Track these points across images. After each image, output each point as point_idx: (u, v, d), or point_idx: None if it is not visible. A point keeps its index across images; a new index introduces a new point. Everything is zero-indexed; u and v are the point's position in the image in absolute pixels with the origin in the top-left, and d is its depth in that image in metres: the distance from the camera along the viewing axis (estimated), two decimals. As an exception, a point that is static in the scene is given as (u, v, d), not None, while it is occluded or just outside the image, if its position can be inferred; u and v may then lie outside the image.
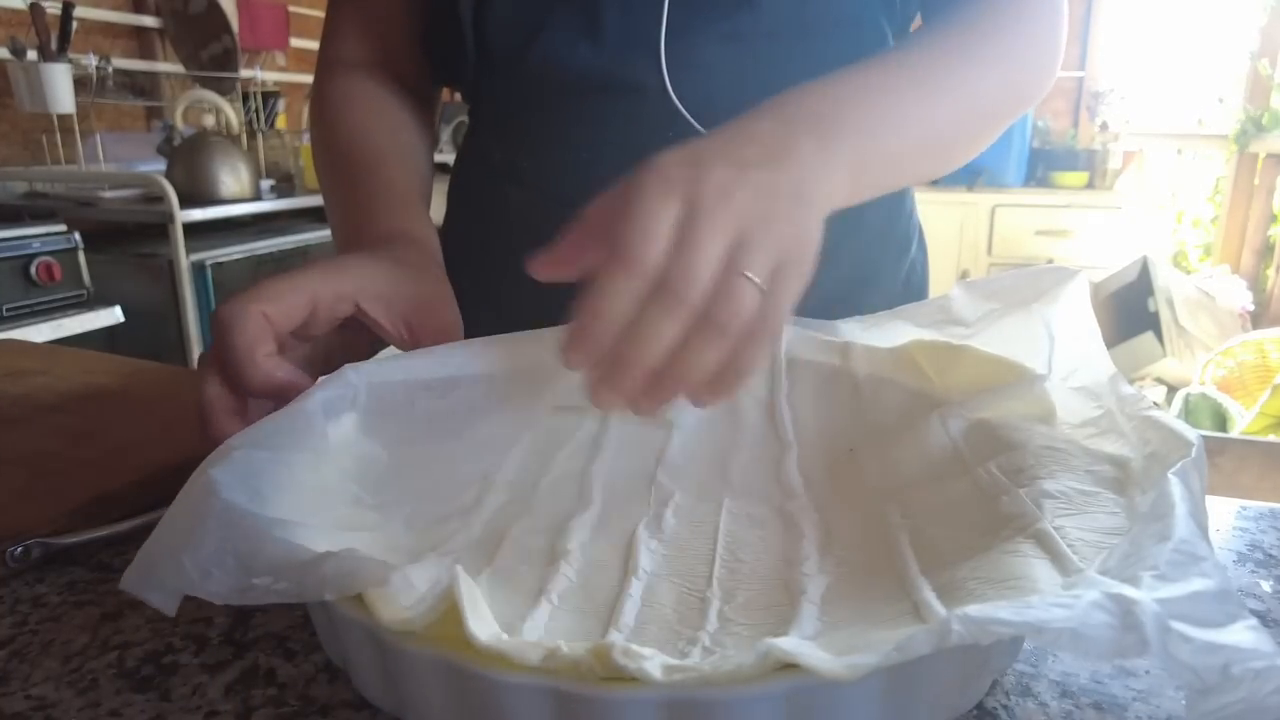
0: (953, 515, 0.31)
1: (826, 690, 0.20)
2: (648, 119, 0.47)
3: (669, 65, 0.46)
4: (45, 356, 0.59)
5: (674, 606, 0.29)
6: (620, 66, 0.46)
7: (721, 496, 0.36)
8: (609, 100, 0.47)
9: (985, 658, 0.24)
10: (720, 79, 0.46)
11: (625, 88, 0.47)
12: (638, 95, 0.46)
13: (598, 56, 0.46)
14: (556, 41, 0.47)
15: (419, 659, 0.21)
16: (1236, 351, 2.06)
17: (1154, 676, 0.27)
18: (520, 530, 0.33)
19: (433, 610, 0.21)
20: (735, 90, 0.46)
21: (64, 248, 1.47)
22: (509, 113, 0.52)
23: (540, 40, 0.47)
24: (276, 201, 1.83)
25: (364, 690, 0.25)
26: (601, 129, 0.48)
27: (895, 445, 0.37)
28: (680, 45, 0.46)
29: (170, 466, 0.40)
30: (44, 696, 0.26)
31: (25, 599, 0.32)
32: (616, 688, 0.20)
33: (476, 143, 0.56)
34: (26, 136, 1.82)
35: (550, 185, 0.50)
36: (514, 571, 0.30)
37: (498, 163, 0.53)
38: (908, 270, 0.57)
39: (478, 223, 0.56)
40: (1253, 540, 0.37)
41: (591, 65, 0.46)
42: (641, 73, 0.46)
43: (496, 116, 0.53)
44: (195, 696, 0.26)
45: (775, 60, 0.47)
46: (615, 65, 0.46)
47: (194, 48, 2.05)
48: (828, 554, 0.31)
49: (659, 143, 0.45)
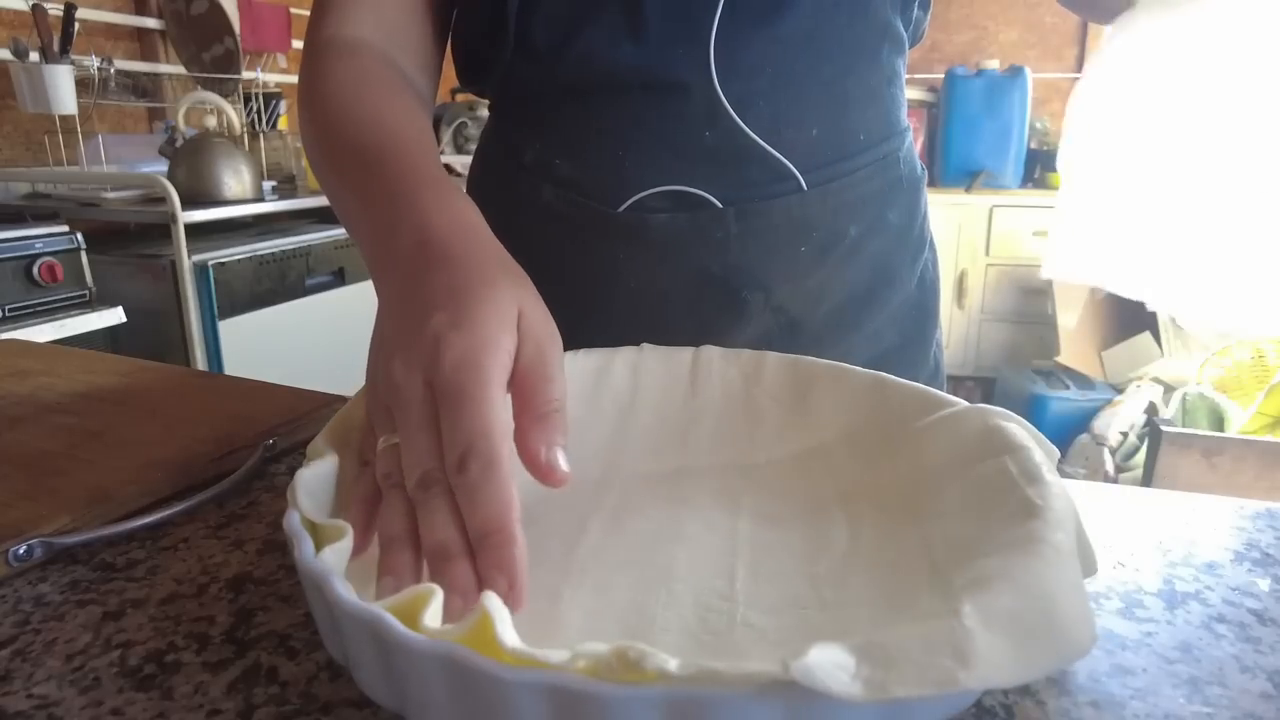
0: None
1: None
2: (687, 116, 0.47)
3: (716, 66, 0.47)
4: (47, 356, 0.59)
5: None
6: (662, 65, 0.46)
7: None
8: (648, 98, 0.48)
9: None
10: (760, 79, 0.47)
11: (666, 85, 0.47)
12: (678, 93, 0.47)
13: (639, 55, 0.46)
14: (599, 39, 0.47)
15: (421, 656, 0.21)
16: (1233, 351, 2.06)
17: (1151, 675, 0.27)
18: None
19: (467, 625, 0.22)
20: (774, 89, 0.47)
21: (66, 248, 1.47)
22: (541, 111, 0.52)
23: (582, 37, 0.47)
24: (278, 202, 1.83)
25: (366, 688, 0.25)
26: (639, 126, 0.48)
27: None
28: (724, 46, 0.47)
29: (173, 466, 0.40)
30: (46, 695, 0.26)
31: (27, 598, 0.32)
32: (618, 684, 0.20)
33: (502, 141, 0.56)
34: (29, 137, 1.82)
35: (586, 183, 0.50)
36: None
37: (529, 162, 0.52)
38: (922, 269, 0.58)
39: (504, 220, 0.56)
40: (1250, 539, 0.37)
41: (632, 63, 0.47)
42: (684, 71, 0.46)
43: (528, 115, 0.53)
44: (197, 695, 0.26)
45: (810, 61, 0.48)
46: (657, 63, 0.46)
47: (196, 49, 2.05)
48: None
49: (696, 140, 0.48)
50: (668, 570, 0.31)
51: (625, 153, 0.49)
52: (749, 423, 0.41)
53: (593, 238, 0.51)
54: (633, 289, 0.51)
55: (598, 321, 0.50)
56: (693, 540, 0.33)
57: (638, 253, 0.50)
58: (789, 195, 0.49)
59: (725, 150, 0.47)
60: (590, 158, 0.50)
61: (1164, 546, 0.36)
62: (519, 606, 0.25)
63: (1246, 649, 0.29)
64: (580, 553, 0.32)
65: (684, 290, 0.50)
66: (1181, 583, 0.33)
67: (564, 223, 0.51)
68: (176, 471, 0.40)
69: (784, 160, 0.48)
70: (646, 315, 0.51)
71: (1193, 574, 0.34)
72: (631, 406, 0.41)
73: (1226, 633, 0.30)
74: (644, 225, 0.49)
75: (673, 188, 0.48)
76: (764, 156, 0.48)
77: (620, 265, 0.51)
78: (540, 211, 0.52)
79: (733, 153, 0.48)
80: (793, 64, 0.47)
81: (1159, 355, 2.29)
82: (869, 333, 0.55)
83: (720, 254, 0.49)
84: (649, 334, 0.46)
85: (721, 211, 0.48)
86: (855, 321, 0.54)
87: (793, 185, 0.49)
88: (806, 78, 0.48)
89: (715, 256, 0.49)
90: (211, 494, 0.39)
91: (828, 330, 0.53)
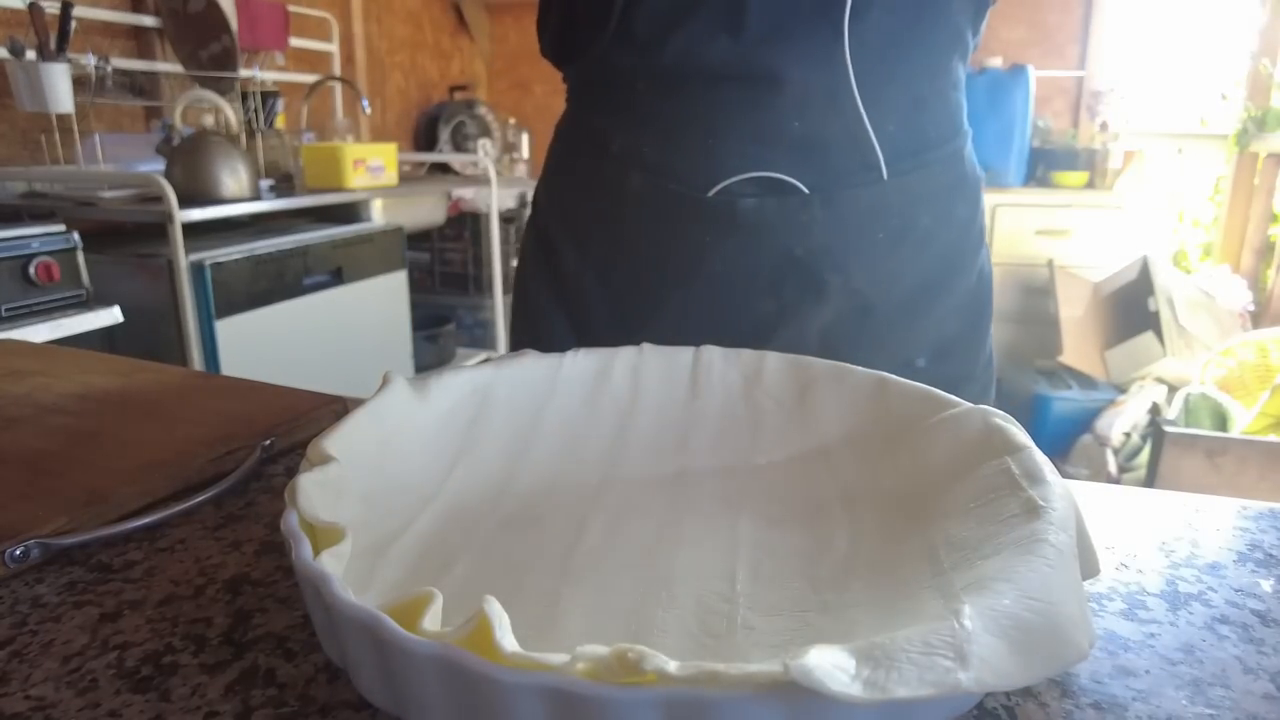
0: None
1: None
2: (777, 107, 0.50)
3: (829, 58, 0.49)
4: (44, 356, 0.59)
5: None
6: (758, 59, 0.49)
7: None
8: (740, 89, 0.50)
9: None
10: (876, 70, 0.50)
11: (759, 78, 0.49)
12: (771, 85, 0.49)
13: (735, 49, 0.49)
14: (698, 33, 0.49)
15: (419, 658, 0.21)
16: (1236, 351, 2.06)
17: (1154, 676, 0.27)
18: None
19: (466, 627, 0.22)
20: (860, 88, 0.50)
21: (63, 248, 1.47)
22: (632, 99, 0.54)
23: (683, 30, 0.49)
24: (276, 201, 1.82)
25: (364, 690, 0.25)
26: (730, 116, 0.51)
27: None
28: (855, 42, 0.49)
29: (170, 466, 0.40)
30: (43, 697, 0.26)
31: (24, 599, 0.32)
32: (617, 686, 0.20)
33: (585, 127, 0.58)
34: (25, 136, 1.82)
35: (676, 169, 0.53)
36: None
37: (617, 150, 0.55)
38: (981, 263, 0.60)
39: (590, 205, 0.59)
40: (1253, 540, 0.37)
41: (727, 57, 0.49)
42: (780, 64, 0.49)
43: (616, 102, 0.55)
44: (195, 697, 0.26)
45: (890, 63, 0.50)
46: (752, 57, 0.49)
47: (193, 47, 2.05)
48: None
49: (786, 128, 0.50)
50: (668, 572, 0.31)
51: (716, 141, 0.51)
52: (750, 424, 0.41)
53: (681, 222, 0.54)
54: (718, 271, 0.54)
55: (679, 302, 0.54)
56: (693, 542, 0.33)
57: (725, 236, 0.53)
58: (871, 184, 0.52)
59: (814, 139, 0.50)
60: (681, 145, 0.52)
61: (1167, 547, 0.36)
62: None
63: (1249, 650, 0.29)
64: (580, 554, 0.32)
65: (768, 272, 0.53)
66: (1184, 584, 0.33)
67: (651, 208, 0.54)
68: (174, 472, 0.40)
69: (876, 149, 0.51)
70: (728, 296, 0.54)
71: (1195, 575, 0.34)
72: (631, 408, 0.41)
73: (1229, 634, 0.30)
74: (732, 209, 0.52)
75: (761, 174, 0.51)
76: (853, 145, 0.51)
77: (707, 248, 0.53)
78: (627, 197, 0.55)
79: (821, 141, 0.50)
80: (876, 64, 0.50)
81: (1162, 355, 2.29)
82: (935, 319, 0.57)
83: (804, 237, 0.52)
84: (729, 314, 0.52)
85: (808, 197, 0.51)
86: (926, 308, 0.56)
87: (875, 175, 0.52)
88: (889, 78, 0.51)
89: (799, 240, 0.52)
90: (209, 495, 0.39)
91: (899, 314, 0.56)
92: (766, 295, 0.54)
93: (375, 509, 0.32)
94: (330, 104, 2.66)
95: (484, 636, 0.21)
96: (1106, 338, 2.51)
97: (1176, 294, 2.38)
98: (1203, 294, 2.44)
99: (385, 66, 2.97)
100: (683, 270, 0.55)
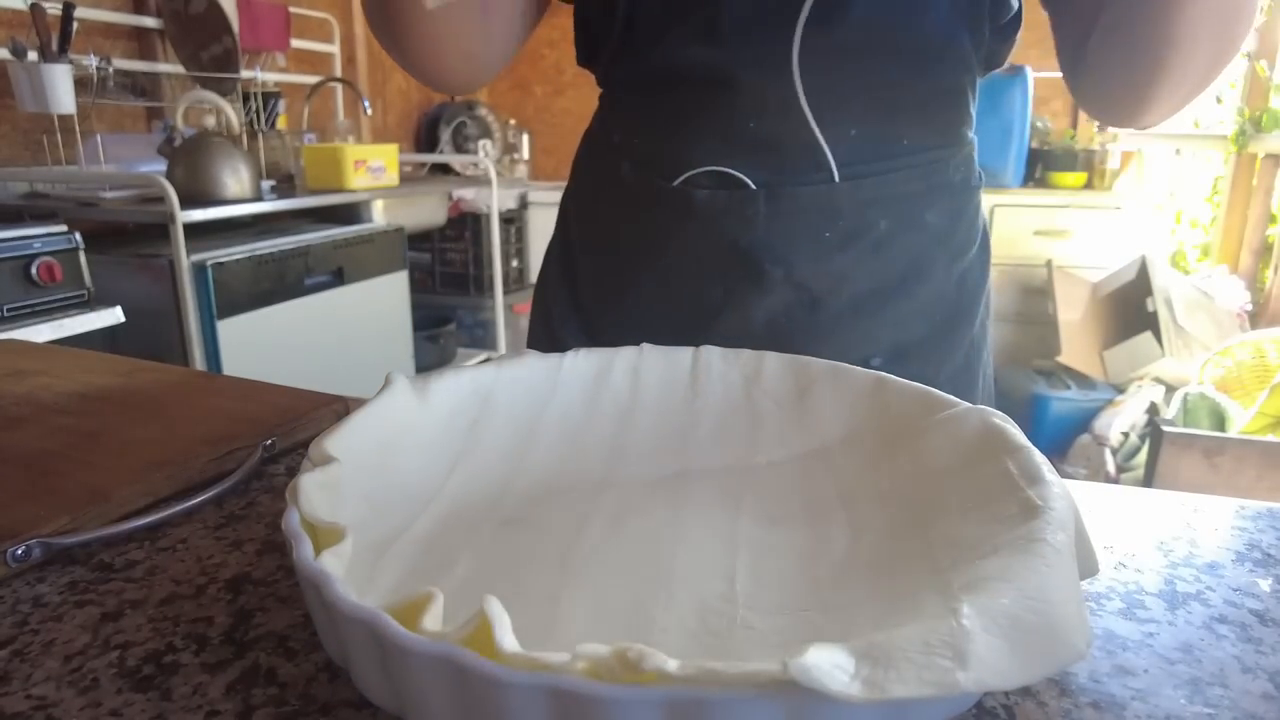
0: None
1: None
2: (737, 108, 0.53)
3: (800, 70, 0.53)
4: (45, 356, 0.59)
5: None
6: (726, 64, 0.52)
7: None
8: (709, 90, 0.54)
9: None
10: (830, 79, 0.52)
11: (724, 81, 0.53)
12: (733, 88, 0.53)
13: (706, 55, 0.53)
14: (681, 40, 0.54)
15: (420, 658, 0.21)
16: (1235, 351, 2.06)
17: (1152, 676, 0.27)
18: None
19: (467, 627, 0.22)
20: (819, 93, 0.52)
21: (65, 248, 1.47)
22: (632, 98, 0.60)
23: (670, 38, 0.54)
24: (277, 202, 1.83)
25: (365, 689, 0.25)
26: (699, 114, 0.55)
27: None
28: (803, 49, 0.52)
29: (171, 466, 0.40)
30: (45, 696, 0.26)
31: (26, 599, 0.32)
32: (618, 685, 0.20)
33: (600, 123, 0.64)
34: (27, 137, 1.82)
35: (654, 160, 0.58)
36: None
37: (617, 142, 0.61)
38: (963, 272, 0.61)
39: (593, 193, 0.64)
40: (1251, 540, 0.37)
41: (704, 61, 0.53)
42: (741, 70, 0.52)
43: (620, 101, 0.61)
44: (196, 696, 0.26)
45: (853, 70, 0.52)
46: (723, 63, 0.52)
47: (194, 48, 2.05)
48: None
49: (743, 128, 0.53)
50: (668, 572, 0.31)
51: (684, 135, 0.56)
52: (749, 424, 0.41)
53: (650, 209, 0.59)
54: (674, 257, 0.58)
55: (645, 285, 0.59)
56: (693, 542, 0.33)
57: (683, 224, 0.57)
58: (819, 184, 0.54)
59: (768, 139, 0.54)
60: (659, 138, 0.58)
61: (1165, 547, 0.36)
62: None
63: (1248, 650, 0.29)
64: (580, 554, 0.32)
65: (716, 260, 0.57)
66: (1183, 583, 0.33)
67: (632, 195, 0.59)
68: (175, 472, 0.40)
69: (827, 152, 0.53)
70: (681, 281, 0.58)
71: (1194, 574, 0.34)
72: (631, 408, 0.41)
73: (1228, 633, 0.30)
74: (689, 199, 0.56)
75: (717, 168, 0.55)
76: (802, 148, 0.53)
77: (668, 234, 0.58)
78: (617, 185, 0.60)
79: (774, 142, 0.54)
80: (833, 73, 0.52)
81: (1160, 355, 2.29)
82: (892, 320, 0.58)
83: (748, 229, 0.55)
84: (682, 298, 0.57)
85: (754, 192, 0.55)
86: (878, 308, 0.58)
87: (825, 176, 0.54)
88: (849, 84, 0.53)
89: (743, 231, 0.55)
90: (210, 494, 0.39)
91: (850, 312, 0.57)
92: (714, 282, 0.57)
93: (376, 509, 0.33)
94: (331, 105, 2.66)
95: (484, 636, 0.21)
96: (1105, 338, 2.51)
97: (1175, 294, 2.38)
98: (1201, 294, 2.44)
99: (386, 67, 2.97)
100: (648, 254, 0.59)
